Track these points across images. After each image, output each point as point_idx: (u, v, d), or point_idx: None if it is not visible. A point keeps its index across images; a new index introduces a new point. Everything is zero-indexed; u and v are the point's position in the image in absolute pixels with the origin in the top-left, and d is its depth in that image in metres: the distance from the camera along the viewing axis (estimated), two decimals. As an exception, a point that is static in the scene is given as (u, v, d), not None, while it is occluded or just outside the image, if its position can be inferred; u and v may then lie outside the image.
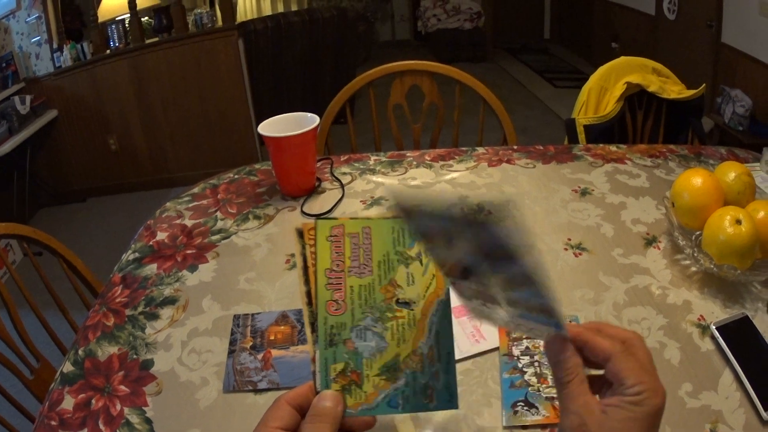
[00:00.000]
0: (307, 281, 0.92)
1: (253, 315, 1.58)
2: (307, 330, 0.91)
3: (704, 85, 3.07)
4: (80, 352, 1.49)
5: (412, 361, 0.91)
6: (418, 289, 0.94)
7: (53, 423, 1.30)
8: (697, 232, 1.73)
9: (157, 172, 6.76)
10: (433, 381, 0.92)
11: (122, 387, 1.38)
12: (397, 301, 0.91)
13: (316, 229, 0.93)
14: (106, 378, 1.41)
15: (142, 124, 6.50)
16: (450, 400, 0.93)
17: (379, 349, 0.90)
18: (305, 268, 0.92)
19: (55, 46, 6.23)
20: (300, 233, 0.94)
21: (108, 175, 6.72)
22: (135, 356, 1.47)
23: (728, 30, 6.45)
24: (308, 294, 0.91)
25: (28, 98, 5.89)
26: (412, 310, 0.92)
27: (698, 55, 7.02)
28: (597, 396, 0.81)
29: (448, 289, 0.95)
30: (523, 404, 1.32)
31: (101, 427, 1.29)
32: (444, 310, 0.94)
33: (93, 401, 1.34)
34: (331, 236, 0.93)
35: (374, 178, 2.28)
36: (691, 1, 7.11)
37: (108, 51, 6.30)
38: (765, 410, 1.28)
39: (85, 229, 6.05)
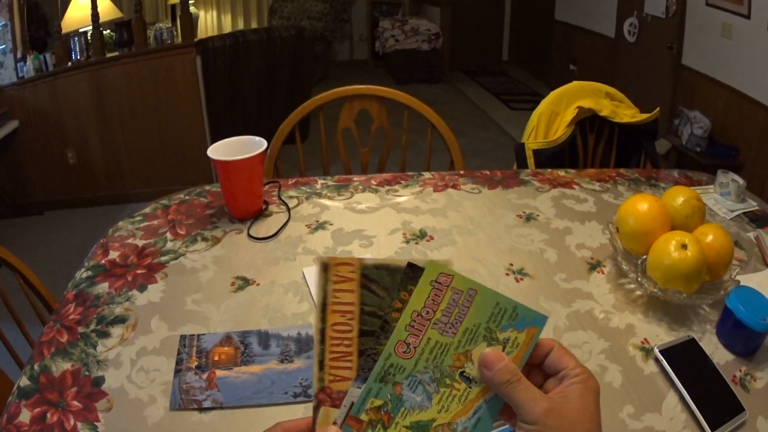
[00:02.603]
0: (323, 318, 0.89)
1: (198, 336, 1.60)
2: (315, 367, 0.90)
3: (658, 108, 3.10)
4: (36, 367, 1.51)
5: None
6: None
7: (10, 436, 1.32)
8: (643, 257, 1.75)
9: (112, 188, 6.70)
10: None
11: (75, 402, 1.40)
12: (462, 374, 0.89)
13: (426, 269, 0.89)
14: (60, 393, 1.42)
15: (100, 138, 6.44)
16: None
17: (420, 406, 0.88)
18: (324, 305, 0.89)
19: (19, 55, 6.15)
20: (325, 267, 0.90)
21: (66, 189, 6.64)
22: (87, 373, 1.49)
23: (689, 52, 6.50)
24: (322, 332, 0.89)
25: (-9, 108, 5.82)
26: (470, 387, 0.89)
27: (658, 77, 7.07)
28: None
29: None
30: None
31: (54, 441, 1.31)
32: (496, 403, 0.90)
33: (48, 415, 1.36)
34: (435, 281, 0.89)
35: (320, 201, 2.31)
36: (651, 24, 7.16)
37: (69, 63, 6.23)
38: (712, 430, 1.32)
39: (41, 242, 6.00)
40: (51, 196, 6.66)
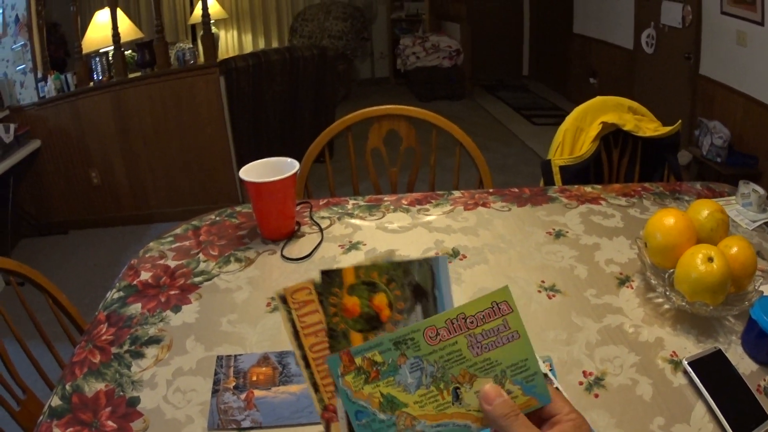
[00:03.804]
0: (300, 345, 0.93)
1: (235, 356, 1.61)
2: (311, 391, 0.94)
3: (680, 121, 3.09)
4: (67, 387, 1.51)
5: (403, 421, 0.92)
6: (473, 403, 0.93)
7: (43, 457, 1.33)
8: (670, 271, 1.76)
9: (137, 208, 6.72)
10: None
11: (109, 423, 1.40)
12: (455, 389, 0.92)
13: (498, 290, 0.93)
14: (94, 413, 1.43)
15: (124, 158, 6.46)
16: None
17: (406, 388, 0.91)
18: (296, 332, 0.94)
19: (39, 75, 6.19)
20: (283, 299, 0.94)
21: (90, 209, 6.69)
22: (121, 393, 1.49)
23: (706, 61, 6.47)
24: (304, 358, 0.93)
25: (12, 127, 5.84)
26: (452, 404, 0.92)
27: (677, 88, 7.04)
28: None
29: None
30: None
31: (90, 462, 1.31)
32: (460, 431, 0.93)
33: (81, 436, 1.37)
34: (497, 304, 0.93)
35: (352, 221, 2.31)
36: (669, 34, 7.13)
37: (91, 83, 6.27)
38: (739, 440, 1.31)
39: (65, 261, 6.03)
40: (75, 216, 6.71)
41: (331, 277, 0.95)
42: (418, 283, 0.98)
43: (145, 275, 1.99)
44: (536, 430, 0.88)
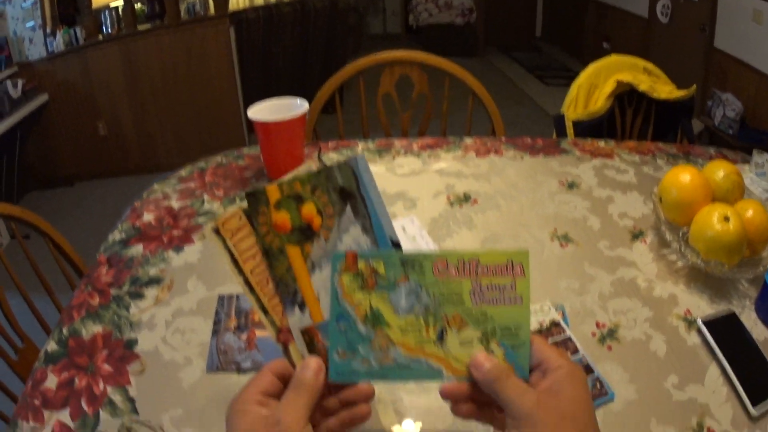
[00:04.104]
0: (240, 271, 0.93)
1: (237, 296, 1.58)
2: (261, 317, 0.95)
3: (694, 85, 3.06)
4: (64, 331, 1.49)
5: (379, 341, 0.91)
6: (453, 350, 0.92)
7: (36, 402, 1.29)
8: (684, 228, 1.74)
9: (145, 159, 6.75)
10: (358, 362, 0.93)
11: (106, 366, 1.38)
12: (442, 330, 0.91)
13: (518, 250, 0.93)
14: (90, 357, 1.40)
15: (132, 110, 6.49)
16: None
17: (395, 309, 0.91)
18: (234, 260, 0.94)
19: (48, 31, 6.21)
20: (216, 230, 0.95)
21: (96, 160, 6.71)
22: (119, 336, 1.47)
23: (721, 35, 6.44)
24: (247, 283, 0.93)
25: (20, 82, 5.88)
26: (433, 343, 0.92)
27: (690, 59, 7.01)
28: None
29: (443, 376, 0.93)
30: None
31: (84, 405, 1.28)
32: (426, 374, 0.92)
33: (76, 380, 1.34)
34: (511, 263, 0.92)
35: (362, 165, 2.27)
36: (684, 5, 7.10)
37: (100, 37, 6.28)
38: (753, 406, 1.28)
39: (72, 213, 6.06)
40: (81, 168, 6.74)
41: (256, 197, 0.96)
42: (342, 185, 1.00)
43: (148, 217, 1.97)
44: (528, 388, 0.86)
